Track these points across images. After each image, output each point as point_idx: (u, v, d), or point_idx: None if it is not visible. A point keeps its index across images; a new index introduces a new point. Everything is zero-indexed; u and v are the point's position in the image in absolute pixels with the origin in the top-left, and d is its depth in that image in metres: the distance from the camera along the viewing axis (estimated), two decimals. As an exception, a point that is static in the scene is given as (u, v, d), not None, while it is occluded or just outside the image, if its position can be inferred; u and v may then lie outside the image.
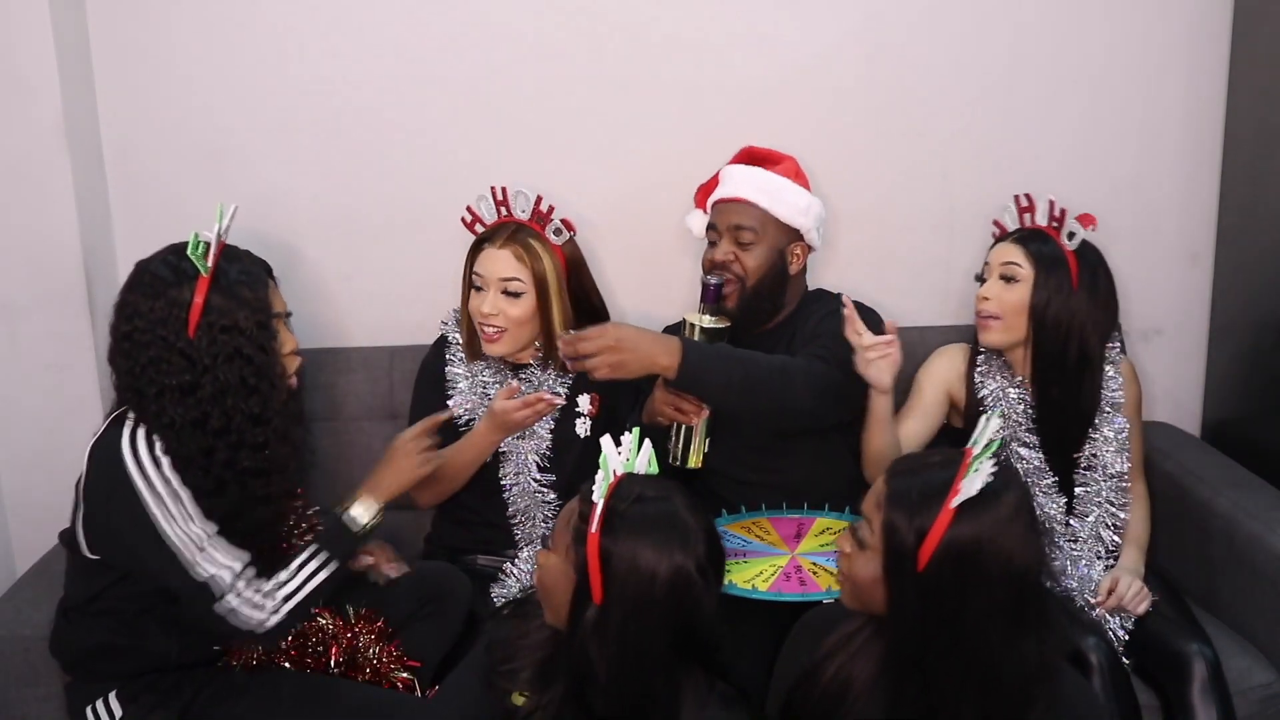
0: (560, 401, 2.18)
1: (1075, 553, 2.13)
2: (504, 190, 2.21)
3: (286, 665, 1.93)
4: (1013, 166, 2.52)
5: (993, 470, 1.39)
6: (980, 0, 2.45)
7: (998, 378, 2.19)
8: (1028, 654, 1.39)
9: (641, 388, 2.20)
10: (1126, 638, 2.04)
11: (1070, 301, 2.10)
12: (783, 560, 2.02)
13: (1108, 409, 2.15)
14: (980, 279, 2.20)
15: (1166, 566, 2.27)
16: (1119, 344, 2.21)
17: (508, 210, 2.21)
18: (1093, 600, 2.06)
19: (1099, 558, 2.14)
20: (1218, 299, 2.60)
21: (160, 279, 1.77)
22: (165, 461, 1.74)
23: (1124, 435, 2.16)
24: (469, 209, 2.23)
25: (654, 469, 1.57)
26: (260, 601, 1.77)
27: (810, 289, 2.30)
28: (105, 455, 1.76)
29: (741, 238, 2.15)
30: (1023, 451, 2.15)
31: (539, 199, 2.21)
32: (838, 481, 2.21)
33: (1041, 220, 2.19)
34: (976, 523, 1.36)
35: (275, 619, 1.77)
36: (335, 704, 1.87)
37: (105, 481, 1.76)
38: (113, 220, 2.42)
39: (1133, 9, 2.48)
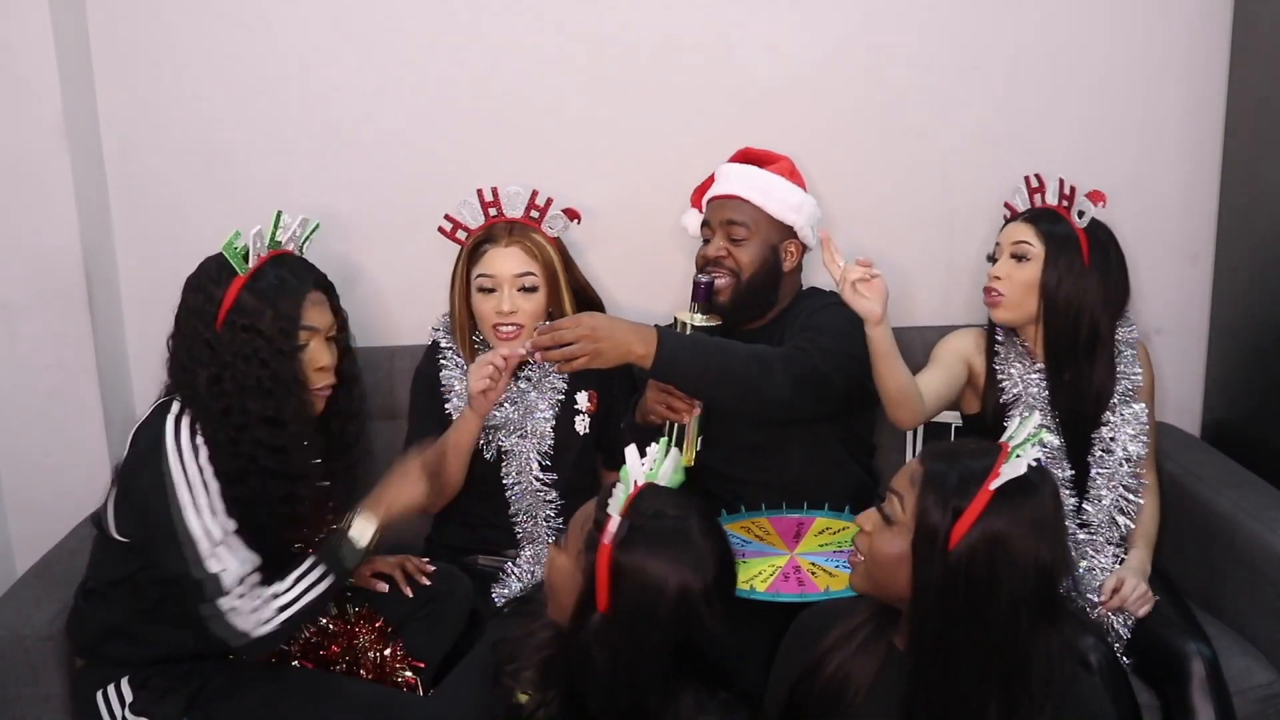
0: (520, 353, 2.08)
1: (1088, 537, 2.12)
2: (494, 191, 2.21)
3: (296, 663, 1.95)
4: (1013, 167, 2.51)
5: (1035, 460, 1.39)
6: (981, 1, 2.46)
7: (1017, 364, 2.18)
8: (1052, 649, 1.38)
9: (639, 382, 2.22)
10: (1128, 636, 2.04)
11: (1081, 280, 2.11)
12: (781, 560, 2.02)
13: (1126, 391, 2.15)
14: (991, 259, 2.20)
15: (1167, 566, 2.27)
16: (1134, 326, 2.21)
17: (498, 210, 2.21)
18: (1094, 599, 2.06)
19: (1110, 544, 2.13)
20: (1218, 299, 2.60)
21: (207, 273, 1.84)
22: (203, 451, 1.79)
23: (1142, 419, 2.15)
24: (448, 217, 2.23)
25: (679, 479, 1.57)
26: (256, 608, 1.77)
27: (805, 287, 2.30)
28: (147, 436, 1.81)
29: (734, 233, 2.16)
30: (1045, 436, 2.13)
31: (535, 194, 2.21)
32: (834, 479, 2.21)
33: (1052, 200, 2.20)
34: (1012, 512, 1.36)
35: (266, 629, 1.77)
36: (340, 700, 1.88)
37: (142, 461, 1.79)
38: (113, 220, 2.42)
39: (1133, 9, 2.48)
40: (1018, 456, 1.39)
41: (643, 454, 1.55)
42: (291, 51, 2.38)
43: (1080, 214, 2.14)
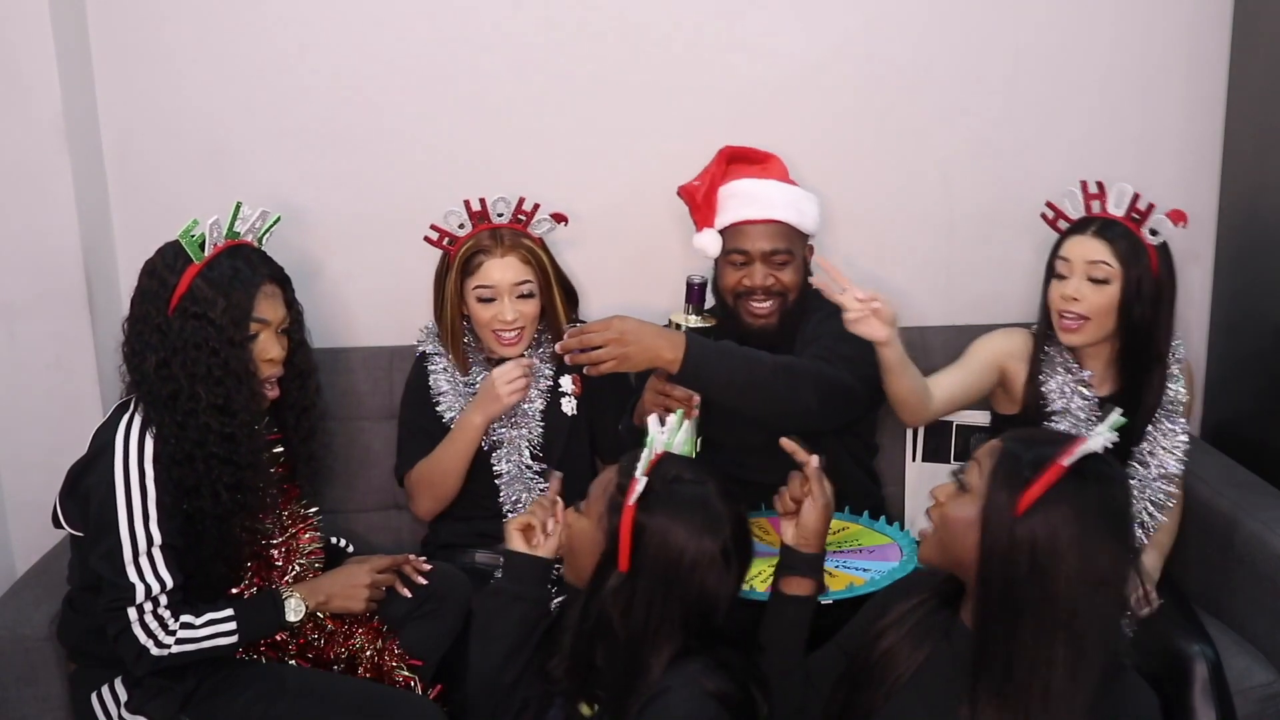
0: (534, 363, 2.22)
1: None
2: (482, 201, 2.21)
3: (292, 662, 1.95)
4: (1013, 167, 2.52)
5: (1110, 443, 1.42)
6: (981, 2, 2.45)
7: (1061, 371, 2.14)
8: (1114, 632, 1.41)
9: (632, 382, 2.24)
10: (1130, 635, 2.03)
11: (1155, 302, 2.07)
12: (782, 560, 2.01)
13: (1171, 407, 2.13)
14: (1053, 273, 2.12)
15: (1168, 567, 2.26)
16: (1181, 341, 2.18)
17: (486, 219, 2.22)
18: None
19: None
20: (1218, 299, 2.59)
21: (164, 258, 1.87)
22: (149, 455, 1.80)
23: (1182, 437, 2.13)
24: (434, 227, 2.23)
25: (688, 450, 1.62)
26: (157, 631, 1.80)
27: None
28: (102, 432, 1.85)
29: (777, 260, 2.16)
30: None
31: (521, 200, 2.22)
32: (834, 480, 2.19)
33: (1116, 210, 2.09)
34: (1081, 492, 1.39)
35: (159, 652, 1.80)
36: (337, 698, 1.89)
37: (93, 457, 1.83)
38: (113, 220, 2.42)
39: (1133, 9, 2.48)
40: (1094, 437, 1.42)
41: (662, 424, 1.60)
42: (291, 52, 2.38)
43: (1153, 232, 2.06)
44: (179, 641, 1.81)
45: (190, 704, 1.87)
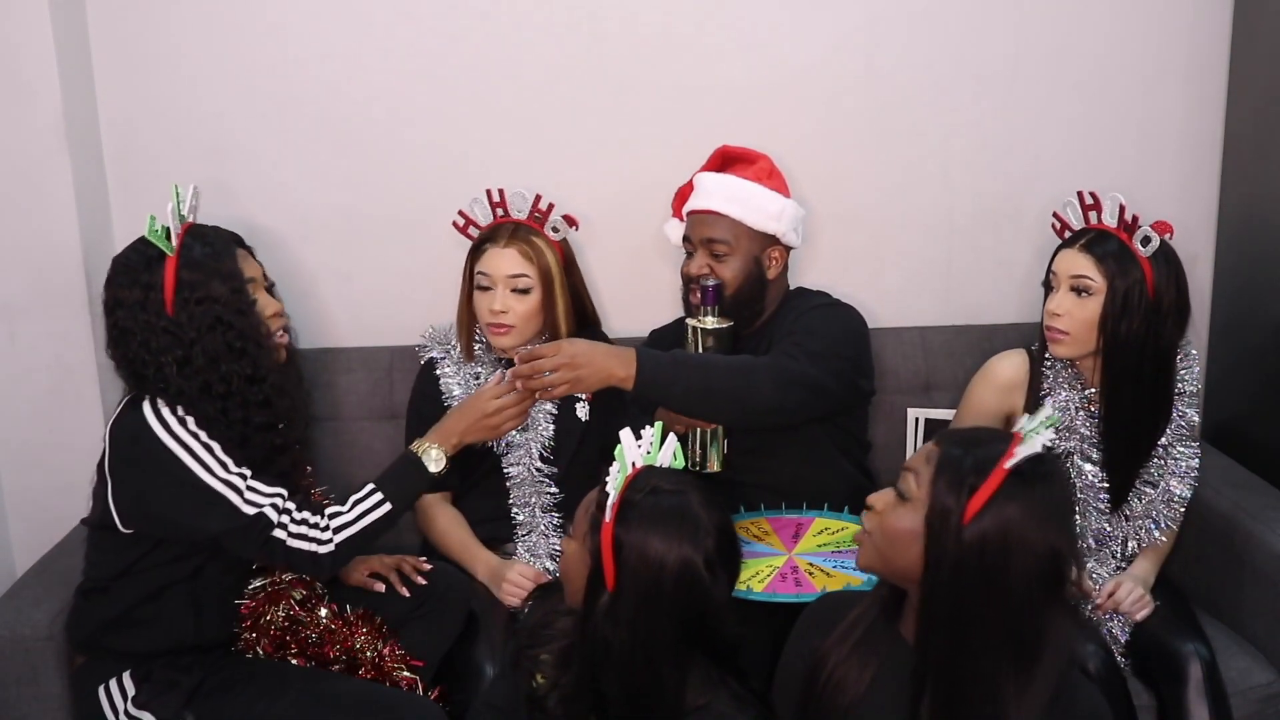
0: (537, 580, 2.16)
1: (1096, 547, 2.12)
2: (500, 192, 2.22)
3: (294, 662, 1.96)
4: (1012, 167, 2.52)
5: (1049, 442, 1.40)
6: (980, 2, 2.45)
7: (1065, 388, 2.11)
8: (1064, 631, 1.39)
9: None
10: (1125, 639, 2.04)
11: (1145, 313, 2.02)
12: (780, 561, 2.02)
13: (1181, 431, 2.11)
14: (1047, 286, 2.12)
15: (1167, 567, 2.26)
16: (1194, 356, 2.15)
17: (504, 211, 2.23)
18: (1093, 595, 2.06)
19: (1114, 558, 2.13)
20: (1218, 299, 2.59)
21: (132, 267, 1.85)
22: (190, 420, 1.81)
23: (1193, 462, 2.12)
24: (461, 213, 2.25)
25: (678, 462, 1.59)
26: (310, 533, 1.82)
27: (792, 287, 2.30)
28: (130, 430, 1.82)
29: (715, 250, 2.15)
30: (1085, 466, 2.09)
31: (538, 197, 2.22)
32: (829, 479, 2.21)
33: (1110, 220, 2.08)
34: (1026, 494, 1.37)
35: (328, 549, 1.83)
36: (340, 697, 1.89)
37: (136, 453, 1.82)
38: (113, 220, 2.42)
39: (1133, 9, 2.48)
40: (1032, 437, 1.40)
41: (638, 437, 1.57)
42: (292, 50, 2.38)
43: (1145, 240, 2.02)
44: (337, 530, 1.83)
45: (195, 700, 1.87)
